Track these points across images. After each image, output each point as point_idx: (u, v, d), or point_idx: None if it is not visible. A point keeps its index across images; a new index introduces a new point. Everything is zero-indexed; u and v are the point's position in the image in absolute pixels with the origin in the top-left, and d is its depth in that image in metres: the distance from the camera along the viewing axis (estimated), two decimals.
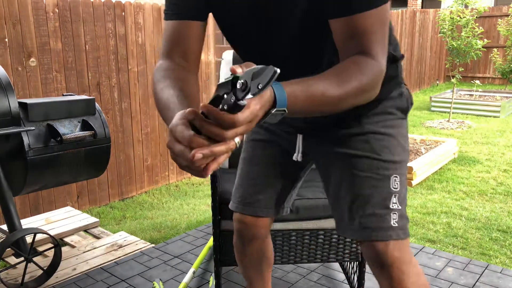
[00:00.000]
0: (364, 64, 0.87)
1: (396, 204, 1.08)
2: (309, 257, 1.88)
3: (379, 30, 0.89)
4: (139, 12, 3.57)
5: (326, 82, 0.84)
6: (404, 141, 1.14)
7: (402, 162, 1.12)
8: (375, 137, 1.10)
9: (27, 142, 1.99)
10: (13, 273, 2.24)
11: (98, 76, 3.35)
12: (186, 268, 2.31)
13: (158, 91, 0.93)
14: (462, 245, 2.63)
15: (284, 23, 0.98)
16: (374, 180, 1.08)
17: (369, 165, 1.09)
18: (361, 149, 1.10)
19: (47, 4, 3.01)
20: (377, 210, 1.07)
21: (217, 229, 1.82)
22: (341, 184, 1.13)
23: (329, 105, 0.86)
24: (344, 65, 0.88)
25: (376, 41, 0.89)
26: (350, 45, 0.89)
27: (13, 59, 2.87)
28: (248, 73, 0.63)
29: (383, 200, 1.08)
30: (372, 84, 0.89)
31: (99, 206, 3.45)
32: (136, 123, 3.66)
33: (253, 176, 1.35)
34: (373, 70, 0.88)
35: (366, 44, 0.88)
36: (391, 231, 1.06)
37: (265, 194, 1.33)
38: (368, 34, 0.88)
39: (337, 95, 0.84)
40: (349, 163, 1.11)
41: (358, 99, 0.89)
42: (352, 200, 1.10)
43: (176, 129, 0.69)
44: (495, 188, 3.66)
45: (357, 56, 0.89)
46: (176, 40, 1.02)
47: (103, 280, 2.20)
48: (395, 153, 1.10)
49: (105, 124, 2.27)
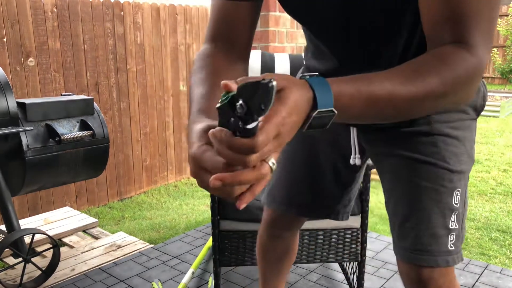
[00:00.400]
0: (453, 56, 0.66)
1: (454, 223, 0.93)
2: (308, 257, 1.87)
3: (486, 13, 0.67)
4: (137, 12, 3.56)
5: (396, 79, 0.64)
6: (471, 147, 0.96)
7: (466, 173, 0.95)
8: (445, 141, 0.91)
9: (26, 142, 1.98)
10: (12, 274, 2.24)
11: (97, 76, 3.34)
12: (185, 268, 2.30)
13: (192, 84, 0.80)
14: (462, 245, 2.63)
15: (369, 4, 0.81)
16: (438, 194, 0.91)
17: (435, 174, 0.91)
18: (427, 153, 0.91)
19: (46, 3, 3.00)
20: (437, 230, 0.91)
21: (216, 229, 1.81)
22: (397, 193, 0.97)
23: (398, 109, 0.65)
24: (424, 58, 0.67)
25: (479, 28, 0.66)
26: (443, 32, 0.68)
27: (12, 59, 2.86)
28: (245, 90, 0.52)
29: (442, 218, 0.92)
30: (461, 84, 0.66)
31: (97, 207, 3.44)
32: (135, 123, 3.65)
33: (294, 177, 1.18)
34: (466, 65, 0.66)
35: (464, 31, 0.66)
36: (447, 255, 0.92)
37: (309, 197, 1.18)
38: (469, 17, 0.66)
39: (408, 96, 0.63)
40: (410, 169, 0.93)
41: (440, 102, 0.67)
42: (407, 214, 0.94)
43: (203, 158, 0.57)
44: (494, 188, 3.66)
45: (447, 46, 0.67)
46: (221, 23, 0.87)
47: (101, 280, 2.19)
48: (462, 162, 0.93)
49: (104, 124, 2.27)
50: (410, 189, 0.93)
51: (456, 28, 0.67)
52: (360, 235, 1.84)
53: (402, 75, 0.65)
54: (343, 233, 1.84)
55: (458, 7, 0.66)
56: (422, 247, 0.91)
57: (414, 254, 0.92)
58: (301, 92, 0.58)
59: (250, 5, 0.87)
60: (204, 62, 0.83)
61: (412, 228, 0.93)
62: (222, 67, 0.83)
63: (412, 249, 0.93)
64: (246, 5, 0.86)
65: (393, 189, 0.98)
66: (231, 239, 1.83)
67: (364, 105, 0.62)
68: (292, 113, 0.56)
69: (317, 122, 0.60)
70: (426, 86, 0.64)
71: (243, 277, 2.21)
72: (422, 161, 0.91)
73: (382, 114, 0.66)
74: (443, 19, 0.68)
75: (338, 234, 1.84)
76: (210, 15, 0.90)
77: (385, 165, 1.01)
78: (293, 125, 0.57)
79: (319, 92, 0.59)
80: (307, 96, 0.58)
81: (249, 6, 0.87)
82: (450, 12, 0.67)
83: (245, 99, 0.51)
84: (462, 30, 0.67)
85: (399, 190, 0.96)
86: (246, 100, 0.51)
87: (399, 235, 0.96)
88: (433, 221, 0.91)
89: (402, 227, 0.95)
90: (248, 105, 0.51)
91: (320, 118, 0.60)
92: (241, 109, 0.51)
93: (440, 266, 0.91)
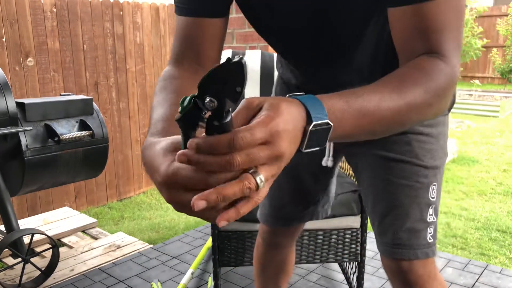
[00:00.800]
0: (432, 67, 0.67)
1: (432, 216, 0.96)
2: (308, 258, 1.87)
3: (455, 23, 0.68)
4: (137, 12, 3.56)
5: (383, 92, 0.63)
6: (445, 142, 1.00)
7: (441, 167, 0.98)
8: (418, 138, 0.94)
9: (25, 142, 1.98)
10: (11, 274, 2.23)
11: (96, 76, 3.34)
12: (184, 268, 2.30)
13: (151, 107, 0.75)
14: (462, 245, 2.63)
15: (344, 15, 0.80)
16: (414, 190, 0.94)
17: (409, 171, 0.94)
18: (401, 152, 0.94)
19: (45, 3, 2.99)
20: (415, 224, 0.94)
21: (216, 229, 1.81)
22: (374, 191, 1.00)
23: (387, 123, 0.64)
24: (405, 70, 0.68)
25: (450, 37, 0.68)
26: (415, 44, 0.69)
27: (11, 59, 2.86)
28: (211, 81, 0.46)
29: (420, 212, 0.95)
30: (442, 94, 0.68)
31: (97, 207, 3.44)
32: (134, 123, 3.65)
33: (275, 187, 1.23)
34: (444, 75, 0.67)
35: (436, 42, 0.68)
36: (426, 248, 0.95)
37: (292, 206, 1.21)
38: (440, 28, 0.67)
39: (396, 108, 0.63)
40: (385, 167, 0.96)
41: (424, 113, 0.68)
42: (386, 211, 0.97)
43: (178, 175, 0.50)
44: (494, 188, 3.65)
45: (423, 57, 0.68)
46: (187, 42, 0.82)
47: (101, 281, 2.19)
48: (436, 157, 0.96)
49: (103, 124, 2.26)
50: (387, 187, 0.96)
51: (429, 40, 0.68)
52: (360, 235, 1.84)
53: (388, 88, 0.64)
54: (343, 233, 1.84)
55: (429, 20, 0.67)
56: (402, 241, 0.95)
57: (395, 249, 0.96)
58: (295, 108, 0.54)
59: (217, 21, 0.82)
60: (166, 83, 0.77)
61: (390, 224, 0.96)
62: (187, 86, 0.77)
63: (392, 244, 0.96)
64: (213, 22, 0.82)
65: (370, 188, 1.01)
66: (231, 239, 1.82)
67: (355, 119, 0.60)
68: (288, 122, 0.51)
69: (314, 138, 0.56)
70: (412, 97, 0.64)
71: (242, 277, 2.21)
72: (397, 160, 0.94)
73: (373, 128, 0.64)
74: (415, 31, 0.69)
75: (338, 234, 1.84)
76: (175, 34, 0.85)
77: (361, 164, 1.03)
78: (290, 137, 0.52)
79: (312, 107, 0.56)
80: (300, 111, 0.55)
81: (216, 22, 0.82)
82: (421, 25, 0.68)
83: (214, 91, 0.46)
84: (435, 42, 0.68)
85: (376, 188, 0.99)
86: (216, 91, 0.46)
87: (380, 232, 0.99)
88: (411, 216, 0.94)
89: (382, 223, 0.98)
90: (219, 97, 0.46)
91: (317, 133, 0.56)
92: (211, 104, 0.46)
93: (420, 259, 0.94)
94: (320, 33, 0.85)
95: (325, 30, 0.85)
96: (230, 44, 4.02)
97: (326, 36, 0.86)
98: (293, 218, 1.24)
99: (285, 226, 1.26)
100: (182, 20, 0.83)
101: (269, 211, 1.24)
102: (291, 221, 1.24)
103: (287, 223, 1.24)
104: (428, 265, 0.96)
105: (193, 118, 0.48)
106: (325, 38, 0.86)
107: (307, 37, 0.87)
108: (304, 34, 0.87)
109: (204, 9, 0.81)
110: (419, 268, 0.94)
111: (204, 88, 0.46)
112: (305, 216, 1.24)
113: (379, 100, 0.62)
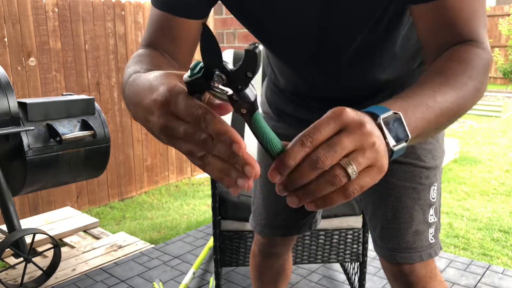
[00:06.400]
0: (469, 55, 0.67)
1: (432, 216, 0.95)
2: (309, 258, 1.87)
3: (480, 8, 0.69)
4: (139, 11, 3.56)
5: (431, 89, 0.61)
6: (442, 140, 0.99)
7: (440, 166, 0.97)
8: None
9: (27, 142, 1.98)
10: (13, 274, 2.23)
11: (98, 76, 3.34)
12: (186, 268, 2.30)
13: (123, 81, 0.68)
14: (464, 245, 2.62)
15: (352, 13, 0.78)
16: (416, 192, 0.93)
17: (412, 173, 0.92)
18: (403, 154, 0.93)
19: (47, 3, 3.00)
20: (418, 226, 0.93)
21: (217, 229, 1.80)
22: (376, 194, 0.97)
23: (448, 115, 0.62)
24: (444, 64, 0.66)
25: (481, 24, 0.69)
26: (445, 37, 0.69)
27: (13, 59, 2.86)
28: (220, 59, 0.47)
29: (423, 214, 0.93)
30: (485, 78, 0.68)
31: (98, 207, 3.44)
32: (136, 123, 3.65)
33: (267, 195, 1.16)
34: (482, 59, 0.67)
35: (468, 31, 0.68)
36: (429, 249, 0.94)
37: (289, 212, 1.15)
38: (468, 17, 0.68)
39: (454, 103, 0.61)
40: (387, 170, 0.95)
41: (475, 99, 0.67)
42: (389, 215, 0.95)
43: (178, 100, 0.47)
44: (496, 188, 3.64)
45: (457, 47, 0.68)
46: (164, 36, 0.79)
47: (102, 280, 2.19)
48: (436, 156, 0.95)
49: (105, 124, 2.27)
50: (389, 191, 0.94)
51: (460, 30, 0.68)
52: (362, 236, 1.83)
53: (436, 84, 0.63)
54: (345, 234, 1.83)
55: (457, 10, 0.68)
56: (407, 245, 0.93)
57: (400, 253, 0.94)
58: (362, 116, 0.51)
59: (196, 23, 0.79)
60: (141, 58, 0.73)
61: (396, 228, 0.94)
62: (163, 61, 0.74)
63: (397, 249, 0.94)
64: (192, 23, 0.78)
65: (371, 191, 0.97)
66: (232, 239, 1.82)
67: (425, 120, 0.58)
68: (373, 131, 0.50)
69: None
70: (461, 87, 0.63)
71: (244, 277, 2.20)
72: (399, 162, 0.92)
73: (438, 125, 0.63)
74: (444, 24, 0.69)
75: (340, 235, 1.83)
76: (149, 23, 0.81)
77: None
78: (377, 142, 0.50)
79: (380, 112, 0.54)
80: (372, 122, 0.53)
81: (195, 24, 0.79)
82: (449, 17, 0.68)
83: (225, 70, 0.47)
84: (466, 31, 0.68)
85: (378, 192, 0.96)
86: (227, 71, 0.47)
87: (382, 236, 0.97)
88: (414, 218, 0.93)
89: (385, 228, 0.96)
90: (229, 76, 0.47)
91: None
92: (220, 80, 0.47)
93: (424, 260, 0.93)
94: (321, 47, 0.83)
95: (326, 45, 0.83)
96: (232, 44, 4.01)
97: (327, 49, 0.84)
98: (291, 227, 1.19)
99: (283, 236, 1.21)
100: (160, 14, 0.79)
101: (265, 221, 1.20)
102: (290, 230, 1.20)
103: (284, 232, 1.19)
104: (429, 265, 0.95)
105: (200, 85, 0.49)
106: (325, 51, 0.85)
107: (308, 54, 0.86)
108: (305, 50, 0.85)
109: (182, 9, 0.77)
110: (421, 270, 0.94)
111: (214, 62, 0.47)
112: (305, 225, 1.20)
113: (441, 99, 0.61)
